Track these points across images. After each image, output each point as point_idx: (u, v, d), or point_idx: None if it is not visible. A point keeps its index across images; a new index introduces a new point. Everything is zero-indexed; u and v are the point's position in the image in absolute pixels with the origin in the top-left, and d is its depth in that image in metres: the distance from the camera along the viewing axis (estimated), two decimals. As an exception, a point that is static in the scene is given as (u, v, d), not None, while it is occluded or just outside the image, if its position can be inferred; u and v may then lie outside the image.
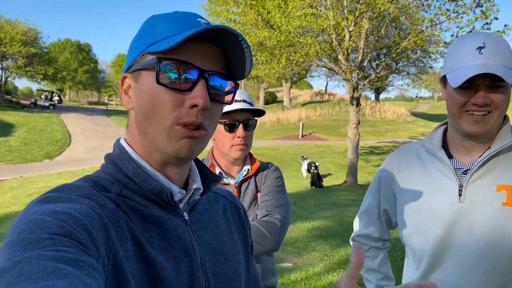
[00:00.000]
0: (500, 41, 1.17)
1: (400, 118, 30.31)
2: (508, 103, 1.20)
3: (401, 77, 19.22)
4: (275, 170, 1.79)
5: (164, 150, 0.72)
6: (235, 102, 1.65)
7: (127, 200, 0.71)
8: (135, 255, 0.66)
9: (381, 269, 1.58)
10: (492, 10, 10.03)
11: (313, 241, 6.07)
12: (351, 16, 10.50)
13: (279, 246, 1.61)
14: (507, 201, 1.16)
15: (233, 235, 0.90)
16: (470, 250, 1.20)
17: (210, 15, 30.94)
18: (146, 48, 0.71)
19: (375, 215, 1.54)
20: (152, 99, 0.70)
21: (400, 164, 1.44)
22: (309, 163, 12.31)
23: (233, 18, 12.28)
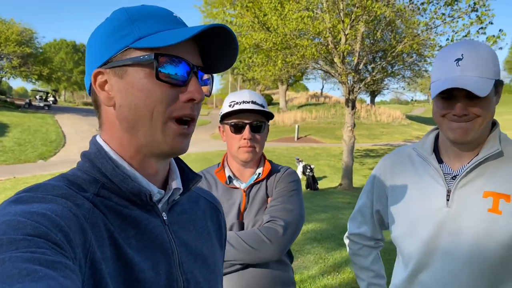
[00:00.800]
0: (481, 50, 1.18)
1: (395, 121, 30.43)
2: (492, 110, 1.21)
3: (397, 81, 19.28)
4: (291, 173, 1.72)
5: (158, 146, 0.72)
6: (243, 103, 1.61)
7: (105, 200, 0.69)
8: (112, 256, 0.65)
9: (374, 268, 1.63)
10: (487, 15, 10.09)
11: (308, 244, 6.06)
12: (347, 19, 10.54)
13: (281, 254, 1.54)
14: (493, 208, 1.19)
15: (211, 237, 0.90)
16: (456, 253, 1.23)
17: (207, 17, 30.95)
18: (131, 43, 0.69)
19: (368, 215, 1.59)
20: (146, 96, 0.69)
21: (393, 167, 1.48)
22: (305, 165, 12.31)
23: (229, 20, 12.26)
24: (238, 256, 1.50)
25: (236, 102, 1.62)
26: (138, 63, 0.69)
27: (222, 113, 1.66)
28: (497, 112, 1.31)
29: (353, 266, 1.70)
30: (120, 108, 0.72)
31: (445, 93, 1.19)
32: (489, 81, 1.15)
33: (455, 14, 10.48)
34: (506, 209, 1.18)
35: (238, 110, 1.60)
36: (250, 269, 1.55)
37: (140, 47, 0.69)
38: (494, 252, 1.17)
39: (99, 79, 0.72)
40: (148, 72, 0.69)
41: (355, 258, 1.67)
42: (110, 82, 0.72)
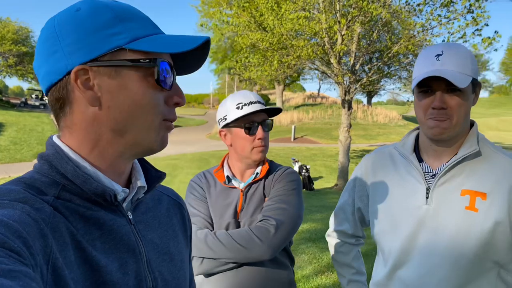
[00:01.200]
0: (461, 49, 1.24)
1: (392, 122, 30.51)
2: (468, 108, 1.26)
3: (393, 81, 19.32)
4: (291, 173, 1.71)
5: (149, 145, 0.74)
6: (251, 103, 1.60)
7: (66, 202, 0.67)
8: (77, 260, 0.63)
9: (354, 264, 1.67)
10: (483, 17, 10.14)
11: (303, 244, 6.07)
12: (344, 20, 10.56)
13: (272, 254, 1.52)
14: (470, 205, 1.23)
15: (177, 234, 0.89)
16: (434, 250, 1.26)
17: (204, 17, 30.93)
18: (125, 44, 0.68)
19: (350, 213, 1.62)
20: (142, 98, 0.70)
21: (375, 165, 1.51)
22: (300, 166, 12.34)
23: (225, 20, 12.26)
24: (228, 255, 1.50)
25: (244, 104, 1.61)
26: (136, 66, 0.70)
27: (228, 117, 1.63)
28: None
29: (334, 263, 1.73)
30: (109, 109, 0.69)
31: (424, 86, 1.24)
32: (467, 76, 1.20)
33: (451, 15, 10.53)
34: (482, 207, 1.21)
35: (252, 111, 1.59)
36: (244, 267, 1.55)
37: (136, 49, 0.69)
38: (470, 249, 1.20)
39: (82, 77, 0.68)
40: (143, 75, 0.70)
41: (336, 255, 1.70)
42: (97, 81, 0.68)
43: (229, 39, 14.52)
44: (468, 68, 1.21)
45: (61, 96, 0.70)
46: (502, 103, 63.67)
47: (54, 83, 0.70)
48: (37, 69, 0.73)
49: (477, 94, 1.30)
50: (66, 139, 0.73)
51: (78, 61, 0.68)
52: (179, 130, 29.27)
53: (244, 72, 13.54)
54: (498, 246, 1.20)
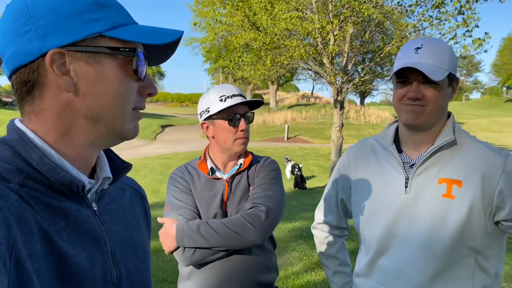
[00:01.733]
0: (440, 44, 1.29)
1: (384, 122, 30.63)
2: (443, 101, 1.30)
3: (385, 82, 19.46)
4: (271, 162, 1.79)
5: (122, 134, 0.74)
6: (233, 96, 1.65)
7: (31, 191, 0.64)
8: (43, 250, 0.61)
9: (339, 256, 1.70)
10: (473, 18, 10.25)
11: (293, 241, 6.12)
12: (336, 20, 10.62)
13: (264, 238, 1.59)
14: (446, 193, 1.27)
15: (140, 225, 0.89)
16: (413, 237, 1.30)
17: (197, 16, 30.88)
18: (105, 31, 0.68)
19: (333, 204, 1.66)
20: (119, 87, 0.70)
21: (357, 157, 1.55)
22: (293, 165, 12.38)
23: (219, 19, 12.28)
24: (223, 242, 1.54)
25: (227, 96, 1.65)
26: (115, 54, 0.69)
27: (211, 109, 1.68)
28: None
29: (319, 255, 1.76)
30: (85, 96, 0.68)
31: (402, 77, 1.29)
32: (443, 70, 1.24)
33: (442, 16, 10.63)
34: (458, 194, 1.26)
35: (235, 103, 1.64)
36: (234, 256, 1.60)
37: (115, 37, 0.68)
38: (447, 235, 1.25)
39: (57, 61, 0.65)
40: (121, 64, 0.70)
41: (321, 247, 1.73)
42: (73, 66, 0.66)
43: (223, 38, 14.53)
44: (445, 63, 1.25)
45: (30, 79, 0.66)
46: (493, 104, 64.20)
47: (24, 64, 0.66)
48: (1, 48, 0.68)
49: (454, 88, 1.35)
50: (31, 124, 0.69)
51: (54, 44, 0.65)
52: (173, 129, 29.22)
53: (238, 72, 13.56)
54: (473, 231, 1.25)
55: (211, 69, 39.87)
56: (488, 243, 1.28)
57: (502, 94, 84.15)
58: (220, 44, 29.03)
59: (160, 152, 18.16)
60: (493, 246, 1.30)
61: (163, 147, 20.67)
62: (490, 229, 1.27)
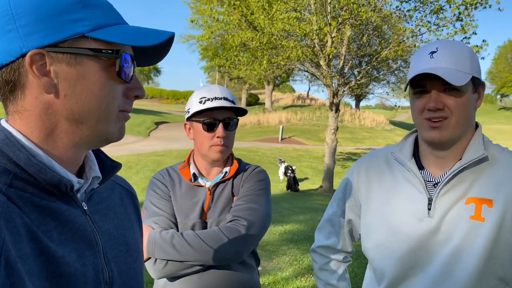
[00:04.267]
0: (458, 46, 1.14)
1: (379, 126, 30.73)
2: (469, 110, 1.14)
3: (381, 86, 19.48)
4: (259, 172, 1.65)
5: (106, 136, 0.72)
6: (215, 99, 1.53)
7: (19, 191, 0.63)
8: (33, 252, 0.61)
9: (340, 285, 1.48)
10: (471, 25, 10.26)
11: (284, 245, 6.04)
12: (334, 22, 10.58)
13: (242, 256, 1.48)
14: (475, 215, 1.11)
15: (132, 224, 0.89)
16: (436, 265, 1.15)
17: (195, 13, 30.76)
18: (88, 32, 0.66)
19: (338, 225, 1.46)
20: (101, 89, 0.68)
21: (368, 172, 1.36)
22: (286, 166, 12.33)
23: (216, 17, 12.19)
24: (197, 257, 1.43)
25: (207, 99, 1.53)
26: (98, 56, 0.67)
27: (190, 110, 1.57)
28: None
29: (317, 282, 1.54)
30: (66, 97, 0.67)
31: (419, 87, 1.14)
32: (464, 74, 1.09)
33: (441, 22, 10.64)
34: (489, 215, 1.10)
35: (212, 107, 1.52)
36: (210, 270, 1.49)
37: (99, 39, 0.67)
38: (474, 263, 1.10)
39: (37, 62, 0.64)
40: (104, 66, 0.68)
41: (321, 273, 1.51)
42: (54, 67, 0.65)
43: (220, 37, 14.45)
44: (467, 66, 1.10)
45: (11, 79, 0.65)
46: (488, 112, 64.72)
47: (5, 64, 0.65)
48: None
49: (480, 94, 1.17)
50: (16, 124, 0.68)
51: (34, 45, 0.64)
52: (166, 127, 29.09)
53: (234, 71, 13.48)
54: (503, 257, 1.10)
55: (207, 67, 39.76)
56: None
57: (496, 101, 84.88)
58: (217, 43, 28.94)
59: (153, 149, 18.03)
60: None
61: (156, 144, 20.53)
62: None
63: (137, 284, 0.83)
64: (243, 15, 11.27)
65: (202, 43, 31.13)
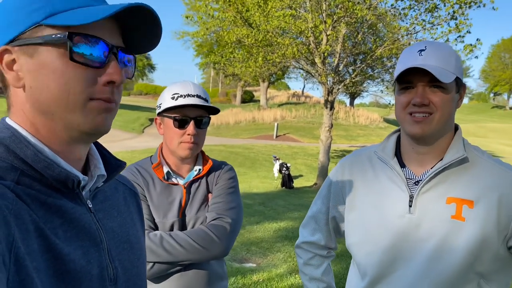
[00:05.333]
0: (444, 47, 1.19)
1: (373, 124, 30.82)
2: (452, 108, 1.19)
3: (376, 84, 19.51)
4: (229, 170, 1.70)
5: (78, 128, 0.68)
6: (188, 96, 1.52)
7: (27, 188, 0.64)
8: (40, 248, 0.61)
9: (324, 279, 1.54)
10: (466, 24, 10.30)
11: (279, 242, 6.06)
12: (329, 20, 10.57)
13: (227, 252, 1.53)
14: (456, 214, 1.15)
15: (135, 222, 0.90)
16: (417, 262, 1.19)
17: (190, 10, 30.62)
18: (42, 20, 0.65)
19: (323, 222, 1.51)
20: (61, 77, 0.65)
21: (352, 170, 1.40)
22: (281, 163, 12.33)
23: (211, 14, 12.14)
24: (188, 256, 1.46)
25: (180, 95, 1.53)
26: (51, 43, 0.65)
27: (162, 105, 1.57)
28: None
29: (302, 277, 1.60)
30: (31, 90, 0.66)
31: (406, 82, 1.18)
32: (450, 73, 1.13)
33: (435, 21, 10.67)
34: (469, 216, 1.14)
35: (183, 104, 1.52)
36: (192, 267, 1.53)
37: (52, 25, 0.65)
38: (456, 262, 1.14)
39: (6, 58, 0.66)
40: (62, 52, 0.65)
41: (305, 268, 1.57)
42: (19, 61, 0.66)
43: (215, 33, 14.41)
44: (452, 66, 1.15)
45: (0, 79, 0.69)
46: (481, 110, 65.13)
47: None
48: None
49: (461, 96, 1.23)
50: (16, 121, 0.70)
51: (3, 41, 0.66)
52: (161, 123, 28.95)
53: (229, 67, 13.45)
54: (484, 256, 1.14)
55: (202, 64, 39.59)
56: (496, 268, 1.17)
57: (489, 100, 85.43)
58: (212, 39, 28.84)
59: (147, 146, 17.95)
60: (500, 271, 1.19)
61: (150, 140, 20.46)
62: (502, 254, 1.16)
63: (140, 282, 0.84)
64: (238, 12, 11.23)
65: (197, 39, 30.96)
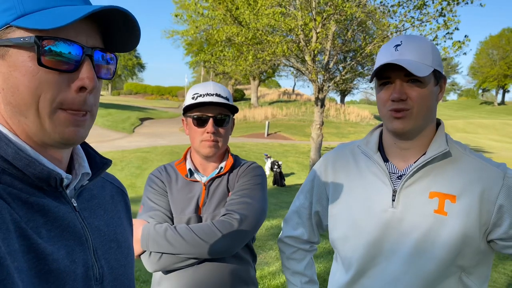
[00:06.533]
0: (422, 40, 1.19)
1: (364, 121, 30.99)
2: (431, 101, 1.19)
3: (366, 81, 19.61)
4: (256, 167, 1.68)
5: (48, 136, 0.66)
6: (207, 95, 1.56)
7: (7, 187, 0.63)
8: (21, 248, 0.60)
9: (307, 272, 1.56)
10: (454, 21, 10.39)
11: (271, 240, 6.06)
12: (319, 17, 10.59)
13: (234, 249, 1.49)
14: (439, 209, 1.16)
15: (122, 221, 0.88)
16: (399, 255, 1.20)
17: (180, 8, 30.47)
18: (12, 20, 0.63)
19: (306, 217, 1.52)
20: (30, 81, 0.63)
21: (335, 165, 1.41)
22: (273, 161, 12.35)
23: (201, 12, 12.08)
24: (189, 250, 1.44)
25: (199, 95, 1.57)
26: (19, 45, 0.63)
27: (185, 105, 1.61)
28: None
29: (285, 271, 1.61)
30: (4, 91, 0.65)
31: (384, 78, 1.19)
32: (426, 66, 1.14)
33: (424, 18, 10.73)
34: (451, 210, 1.15)
35: (201, 103, 1.55)
36: (205, 263, 1.50)
37: (24, 27, 0.62)
38: (438, 256, 1.15)
39: None
40: (32, 55, 0.63)
41: (288, 262, 1.58)
42: None
43: (205, 32, 14.34)
44: (429, 59, 1.16)
45: None
46: (469, 106, 65.79)
47: None
48: None
49: (442, 88, 1.24)
50: None
51: None
52: (151, 123, 28.82)
53: (219, 66, 13.41)
54: (465, 250, 1.15)
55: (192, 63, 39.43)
56: (477, 261, 1.19)
57: (478, 96, 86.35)
58: (201, 38, 28.74)
59: (137, 146, 17.85)
60: (481, 264, 1.21)
61: (141, 140, 20.34)
62: (482, 248, 1.18)
63: (128, 281, 0.83)
64: (228, 10, 11.19)
65: (187, 38, 30.87)
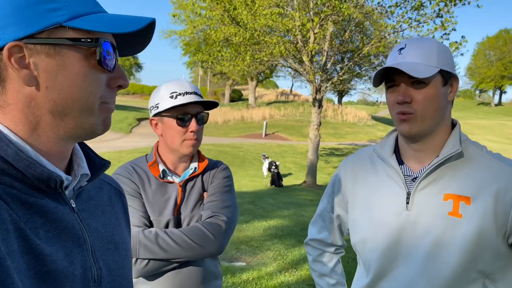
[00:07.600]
0: (425, 41, 1.19)
1: (361, 122, 31.03)
2: (438, 102, 1.17)
3: (363, 82, 19.63)
4: (224, 169, 1.71)
5: (90, 129, 0.71)
6: (186, 94, 1.54)
7: (7, 188, 0.63)
8: (20, 249, 0.60)
9: (334, 275, 1.55)
10: (451, 22, 10.43)
11: (268, 240, 6.06)
12: (317, 18, 10.60)
13: (222, 250, 1.53)
14: (453, 211, 1.14)
15: (120, 222, 0.89)
16: (415, 259, 1.18)
17: (177, 8, 30.45)
18: (65, 21, 0.65)
19: (328, 220, 1.53)
20: (83, 80, 0.67)
21: (354, 170, 1.42)
22: (270, 162, 12.35)
23: (199, 12, 12.08)
24: (183, 254, 1.46)
25: (178, 93, 1.54)
26: (77, 45, 0.66)
27: (160, 105, 1.56)
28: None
29: (312, 273, 1.62)
30: (48, 89, 0.66)
31: (390, 81, 1.20)
32: (431, 67, 1.13)
33: (421, 19, 10.76)
34: (466, 212, 1.13)
35: (186, 102, 1.52)
36: (187, 265, 1.52)
37: (77, 28, 0.66)
38: (454, 258, 1.13)
39: (16, 54, 0.63)
40: (85, 55, 0.67)
41: (315, 265, 1.59)
42: (33, 59, 0.64)
43: (202, 32, 14.33)
44: (433, 59, 1.14)
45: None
46: (467, 107, 65.99)
47: None
48: None
49: (453, 87, 1.21)
50: (1, 119, 0.67)
51: (11, 37, 0.63)
52: (148, 123, 28.74)
53: (216, 66, 13.41)
54: (483, 254, 1.12)
55: (190, 63, 39.38)
56: (500, 266, 1.15)
57: (475, 97, 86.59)
58: (199, 38, 28.71)
59: (135, 146, 17.82)
60: (506, 269, 1.16)
61: (138, 140, 20.31)
62: (503, 251, 1.14)
63: (126, 282, 0.83)
64: (225, 10, 11.19)
65: (185, 38, 30.84)
